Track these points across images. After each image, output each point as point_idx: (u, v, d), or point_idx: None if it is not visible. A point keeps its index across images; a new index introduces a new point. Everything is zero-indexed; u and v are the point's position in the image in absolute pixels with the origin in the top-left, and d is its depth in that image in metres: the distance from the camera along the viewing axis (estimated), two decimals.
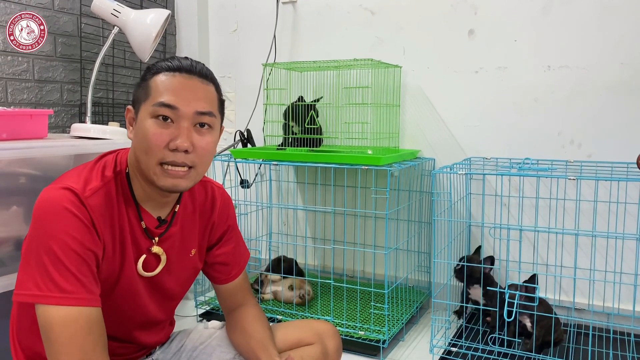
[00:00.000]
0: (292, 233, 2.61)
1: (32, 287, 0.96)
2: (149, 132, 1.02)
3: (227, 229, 1.30)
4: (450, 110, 2.26)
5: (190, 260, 1.24)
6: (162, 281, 1.18)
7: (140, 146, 1.04)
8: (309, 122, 2.14)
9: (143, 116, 1.04)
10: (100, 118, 2.31)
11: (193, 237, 1.23)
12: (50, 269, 0.96)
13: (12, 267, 1.44)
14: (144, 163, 1.04)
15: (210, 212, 1.26)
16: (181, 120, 1.03)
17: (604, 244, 1.98)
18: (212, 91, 1.10)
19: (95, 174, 1.07)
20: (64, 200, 0.99)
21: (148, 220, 1.13)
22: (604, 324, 1.96)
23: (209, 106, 1.07)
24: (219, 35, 2.73)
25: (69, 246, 0.97)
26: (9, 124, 1.46)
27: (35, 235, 0.98)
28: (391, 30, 2.32)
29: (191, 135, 1.04)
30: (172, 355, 1.30)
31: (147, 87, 1.05)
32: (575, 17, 2.01)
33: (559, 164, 2.02)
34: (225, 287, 1.32)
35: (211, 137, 1.09)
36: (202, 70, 1.08)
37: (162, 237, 1.15)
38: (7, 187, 1.46)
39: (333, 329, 1.35)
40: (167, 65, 1.06)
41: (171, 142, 1.02)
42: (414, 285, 2.33)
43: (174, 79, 1.04)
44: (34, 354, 1.10)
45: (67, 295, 0.95)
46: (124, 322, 1.15)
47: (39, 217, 0.99)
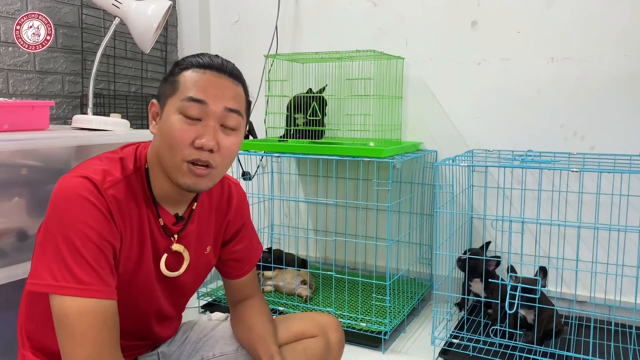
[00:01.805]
0: (294, 225, 2.61)
1: (48, 276, 0.94)
2: (175, 127, 1.00)
3: (242, 225, 1.29)
4: (453, 102, 2.25)
5: (205, 257, 1.23)
6: (179, 278, 1.17)
7: (165, 142, 1.02)
8: (311, 113, 2.13)
9: (169, 111, 1.02)
10: (101, 109, 2.30)
11: (209, 234, 1.22)
12: (68, 259, 0.94)
13: (14, 258, 1.44)
14: (167, 159, 1.03)
15: (227, 209, 1.25)
16: (208, 119, 1.01)
17: (606, 236, 1.98)
18: (241, 92, 1.08)
19: (115, 166, 1.05)
20: (83, 190, 0.97)
21: (165, 217, 1.11)
22: (606, 316, 1.97)
23: (237, 105, 1.05)
24: (220, 26, 2.72)
25: (88, 236, 0.95)
26: (10, 115, 1.46)
27: (52, 224, 0.96)
28: (393, 22, 2.31)
29: (217, 135, 1.02)
30: (176, 348, 1.31)
31: (175, 82, 1.03)
32: (579, 9, 2.00)
33: (562, 156, 2.01)
34: (236, 282, 1.32)
35: (236, 139, 1.06)
36: (233, 70, 1.06)
37: (180, 234, 1.14)
38: (9, 179, 1.46)
39: (336, 322, 1.36)
40: (197, 61, 1.04)
41: (197, 139, 1.00)
42: (415, 278, 2.33)
43: (204, 75, 1.02)
44: (41, 346, 1.10)
45: (84, 287, 0.94)
46: (137, 316, 1.14)
47: (57, 205, 0.97)
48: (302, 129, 2.14)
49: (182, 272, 1.15)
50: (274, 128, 2.25)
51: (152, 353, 1.27)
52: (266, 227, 2.59)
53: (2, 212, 1.45)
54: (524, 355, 1.70)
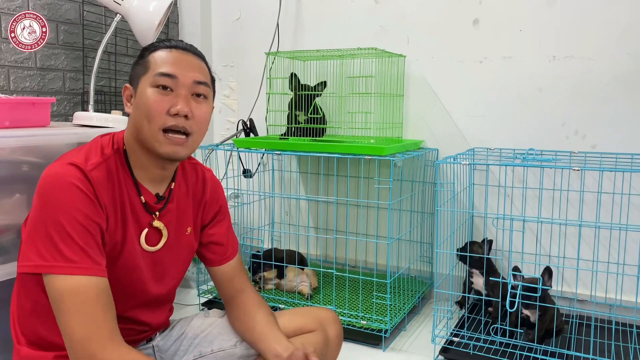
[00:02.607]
0: (295, 223, 2.61)
1: (36, 257, 0.99)
2: (150, 99, 1.08)
3: (218, 209, 1.34)
4: (454, 100, 2.24)
5: (186, 238, 1.27)
6: (162, 257, 1.21)
7: (142, 114, 1.09)
8: (312, 111, 2.13)
9: (143, 87, 1.10)
10: (102, 106, 2.30)
11: (188, 215, 1.27)
12: (56, 240, 0.98)
13: (14, 255, 1.44)
14: (146, 130, 1.09)
15: (202, 192, 1.31)
16: (180, 89, 1.10)
17: (607, 235, 1.97)
18: (205, 67, 1.18)
19: (95, 152, 1.11)
20: (70, 176, 1.02)
21: (147, 195, 1.17)
22: (606, 315, 1.97)
23: (204, 77, 1.15)
24: (221, 24, 2.71)
25: (76, 219, 1.00)
26: (11, 112, 1.46)
27: (40, 211, 1.01)
28: (395, 19, 2.31)
29: (190, 103, 1.11)
30: (172, 342, 1.31)
31: (146, 63, 1.12)
32: (581, 7, 1.99)
33: (563, 155, 2.01)
34: (222, 270, 1.33)
35: (207, 107, 1.16)
36: (196, 51, 1.18)
37: (162, 212, 1.19)
38: (10, 175, 1.46)
39: (334, 316, 1.37)
40: (164, 44, 1.14)
41: (172, 107, 1.08)
42: (416, 276, 2.33)
43: (171, 53, 1.12)
44: (37, 337, 1.11)
45: (72, 265, 0.98)
46: (125, 298, 1.16)
47: (45, 192, 1.02)
48: (303, 127, 2.14)
49: (160, 247, 1.20)
50: (275, 126, 2.25)
51: (147, 346, 1.28)
52: (267, 224, 2.59)
53: (3, 209, 1.45)
54: (524, 354, 1.70)
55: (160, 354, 1.29)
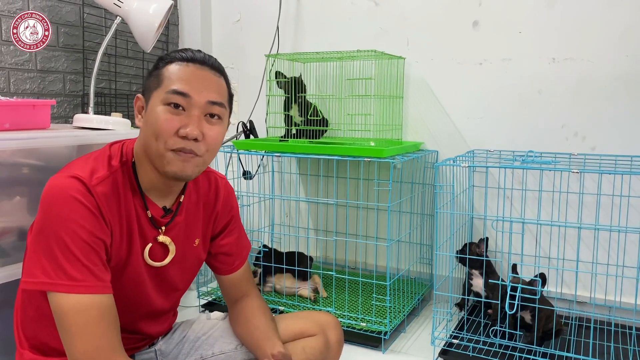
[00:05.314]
0: (295, 225, 2.61)
1: (41, 274, 0.97)
2: (160, 117, 1.03)
3: (230, 219, 1.31)
4: (454, 102, 2.25)
5: (194, 250, 1.24)
6: (167, 271, 1.19)
7: (150, 132, 1.05)
8: (312, 113, 2.13)
9: (154, 103, 1.05)
10: (103, 109, 2.31)
11: (197, 227, 1.24)
12: (60, 258, 0.96)
13: (15, 257, 1.44)
14: (153, 149, 1.05)
15: (214, 202, 1.27)
16: (192, 109, 1.05)
17: (606, 237, 1.97)
18: (223, 84, 1.12)
19: (102, 164, 1.07)
20: (72, 189, 0.99)
21: (153, 209, 1.13)
22: (606, 317, 1.97)
23: (220, 97, 1.09)
24: (221, 26, 2.72)
25: (78, 235, 0.98)
26: (11, 114, 1.46)
27: (43, 224, 0.99)
28: (395, 21, 2.31)
29: (201, 125, 1.05)
30: (174, 346, 1.31)
31: (160, 76, 1.07)
32: (581, 9, 2.00)
33: (563, 157, 2.01)
34: (229, 278, 1.32)
35: (220, 128, 1.10)
36: (215, 64, 1.11)
37: (168, 226, 1.16)
38: (10, 178, 1.46)
39: (335, 321, 1.36)
40: (180, 55, 1.07)
41: (181, 129, 1.03)
42: (415, 278, 2.33)
43: (187, 68, 1.06)
44: (39, 342, 1.11)
45: (75, 283, 0.97)
46: (129, 312, 1.15)
47: (47, 205, 0.99)
48: (303, 129, 2.14)
49: (167, 263, 1.17)
50: (275, 127, 2.25)
51: (150, 350, 1.28)
52: (267, 226, 2.59)
53: (3, 211, 1.45)
54: (523, 356, 1.70)
55: (163, 357, 1.29)
